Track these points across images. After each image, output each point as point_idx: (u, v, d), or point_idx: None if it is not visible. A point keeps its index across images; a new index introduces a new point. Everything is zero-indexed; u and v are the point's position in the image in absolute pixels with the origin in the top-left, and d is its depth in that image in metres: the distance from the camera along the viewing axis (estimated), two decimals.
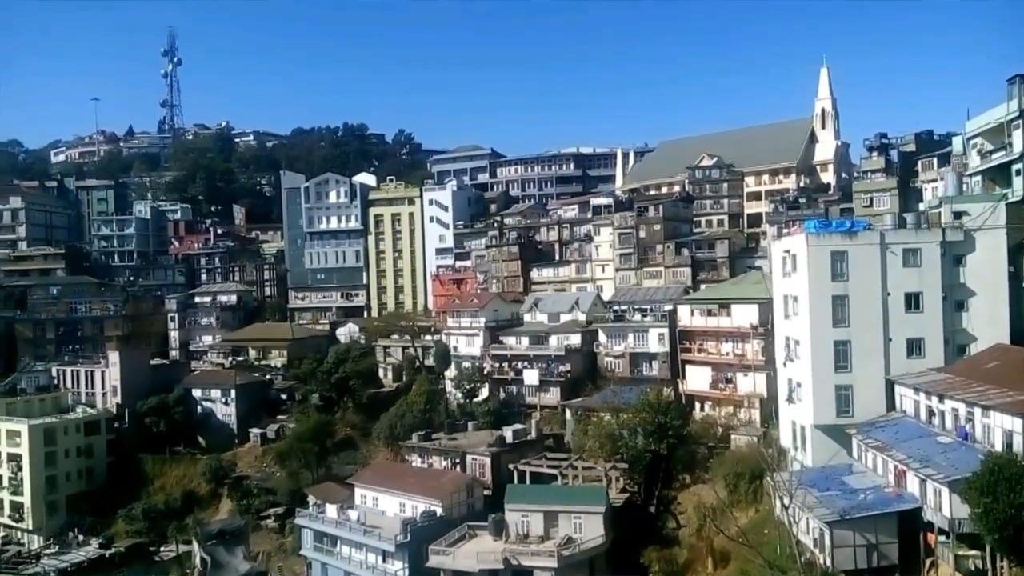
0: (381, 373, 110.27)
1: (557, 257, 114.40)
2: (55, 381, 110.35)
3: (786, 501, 46.21)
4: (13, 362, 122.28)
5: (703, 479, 67.73)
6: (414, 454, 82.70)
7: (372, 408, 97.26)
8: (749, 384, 75.74)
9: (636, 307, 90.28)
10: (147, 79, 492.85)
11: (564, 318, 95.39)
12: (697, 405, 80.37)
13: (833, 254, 55.69)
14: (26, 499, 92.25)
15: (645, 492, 69.32)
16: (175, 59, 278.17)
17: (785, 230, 67.31)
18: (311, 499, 77.01)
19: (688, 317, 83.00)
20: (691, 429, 71.95)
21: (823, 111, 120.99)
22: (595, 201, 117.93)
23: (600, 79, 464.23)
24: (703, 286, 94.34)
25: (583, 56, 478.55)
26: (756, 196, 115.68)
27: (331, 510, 73.48)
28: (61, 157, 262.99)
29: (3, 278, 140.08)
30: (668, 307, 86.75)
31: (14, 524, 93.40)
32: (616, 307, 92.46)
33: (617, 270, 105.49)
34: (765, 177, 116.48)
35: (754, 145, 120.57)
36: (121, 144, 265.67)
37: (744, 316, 76.73)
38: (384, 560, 67.03)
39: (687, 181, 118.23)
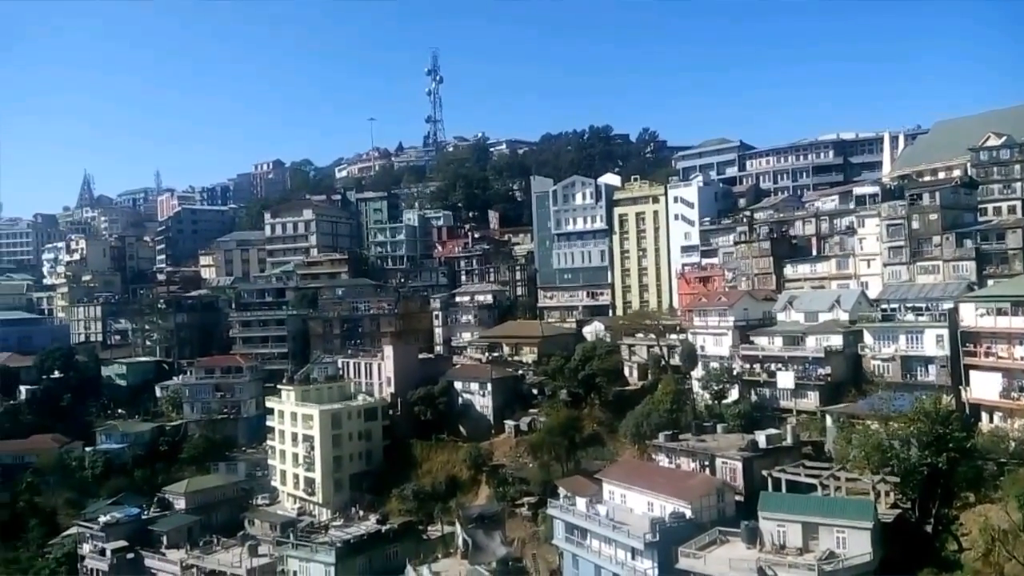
0: (626, 371, 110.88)
1: (814, 252, 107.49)
2: (340, 372, 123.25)
3: None
4: (307, 354, 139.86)
5: (992, 498, 60.15)
6: (661, 453, 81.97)
7: (618, 405, 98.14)
8: None
9: (908, 305, 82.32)
10: (415, 98, 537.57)
11: (823, 317, 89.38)
12: (984, 416, 71.46)
13: None
14: (317, 476, 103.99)
15: (920, 509, 62.81)
16: (437, 78, 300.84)
17: None
18: (561, 491, 79.25)
19: (973, 317, 73.89)
20: (976, 442, 64.30)
21: None
22: (859, 190, 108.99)
23: (859, 60, 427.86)
24: (991, 282, 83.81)
25: (840, 39, 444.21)
26: None
27: (580, 503, 75.01)
28: (344, 173, 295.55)
29: (299, 281, 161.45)
30: (948, 305, 78.15)
31: (307, 497, 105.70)
32: (885, 305, 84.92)
33: (885, 265, 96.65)
34: None
35: None
36: (392, 159, 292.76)
37: None
38: (633, 558, 67.14)
39: (969, 164, 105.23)
